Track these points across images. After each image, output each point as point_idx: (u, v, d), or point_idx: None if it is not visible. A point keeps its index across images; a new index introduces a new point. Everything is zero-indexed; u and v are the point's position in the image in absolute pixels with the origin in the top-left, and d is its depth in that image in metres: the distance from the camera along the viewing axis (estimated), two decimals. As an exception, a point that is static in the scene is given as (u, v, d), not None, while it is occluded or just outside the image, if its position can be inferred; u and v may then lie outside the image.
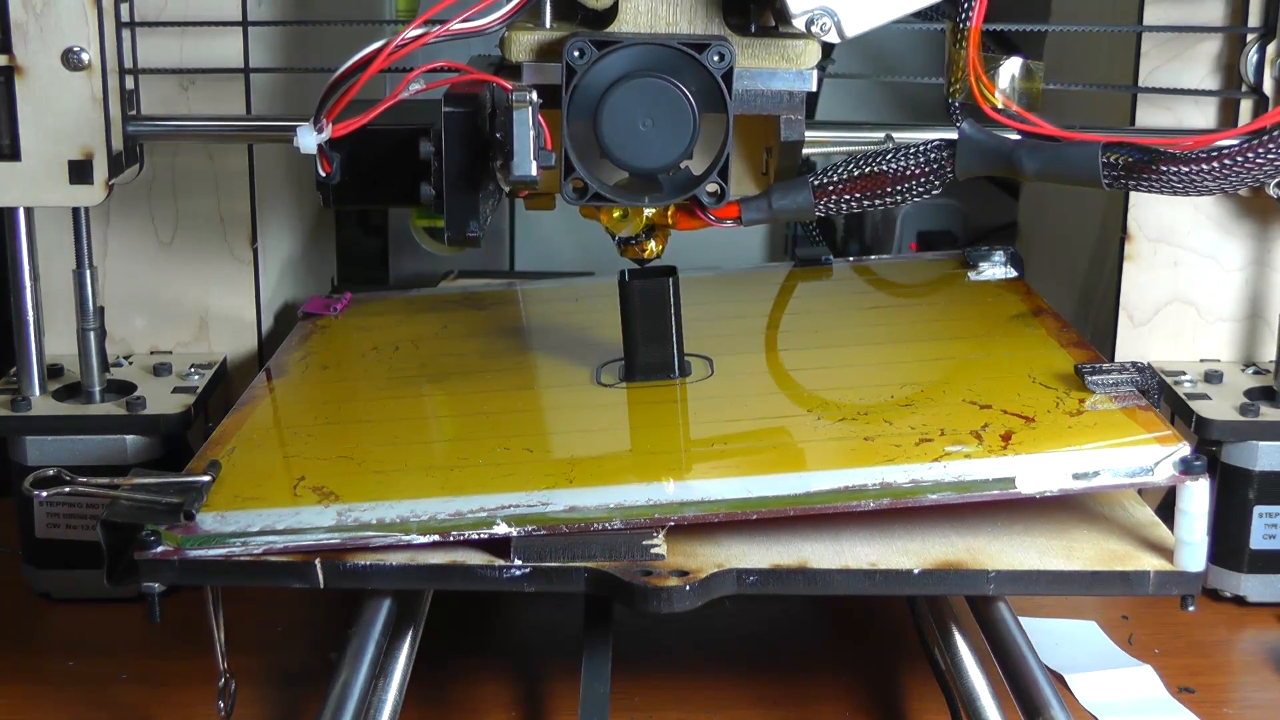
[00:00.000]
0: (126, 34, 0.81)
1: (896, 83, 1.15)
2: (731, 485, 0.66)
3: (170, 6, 0.84)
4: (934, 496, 0.66)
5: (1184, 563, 0.65)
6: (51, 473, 0.67)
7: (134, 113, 0.82)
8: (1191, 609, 0.66)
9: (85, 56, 0.76)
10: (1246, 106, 0.85)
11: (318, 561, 0.65)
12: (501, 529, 0.65)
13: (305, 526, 0.65)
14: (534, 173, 0.64)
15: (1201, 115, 0.87)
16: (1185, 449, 0.66)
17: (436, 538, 0.65)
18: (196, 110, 0.86)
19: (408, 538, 0.65)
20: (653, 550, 0.65)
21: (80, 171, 0.77)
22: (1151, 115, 0.88)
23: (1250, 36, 0.84)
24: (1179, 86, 0.86)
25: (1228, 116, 0.86)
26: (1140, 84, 0.87)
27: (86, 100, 0.77)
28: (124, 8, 0.80)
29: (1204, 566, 0.66)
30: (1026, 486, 0.66)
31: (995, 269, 0.91)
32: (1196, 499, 0.65)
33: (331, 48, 0.96)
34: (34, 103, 0.76)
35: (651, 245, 0.76)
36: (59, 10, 0.76)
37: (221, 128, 0.84)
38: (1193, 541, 0.65)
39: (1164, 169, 0.68)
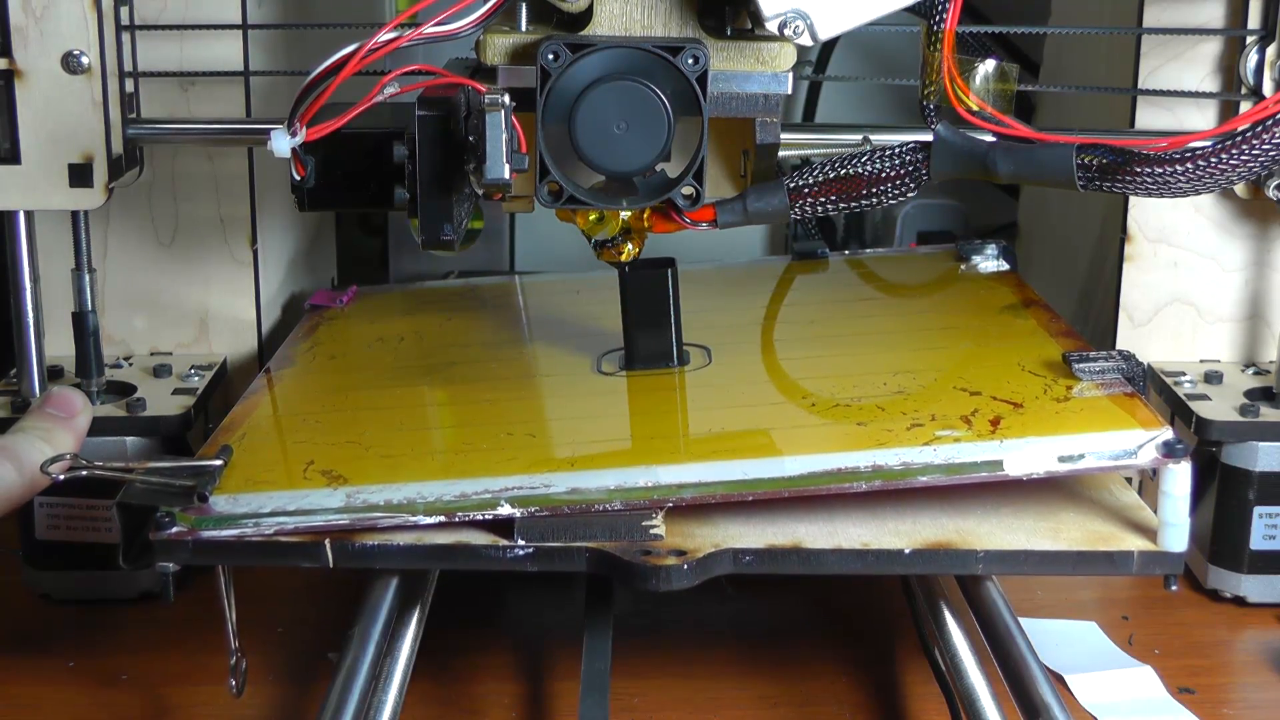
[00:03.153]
0: (126, 37, 0.81)
1: (899, 84, 1.15)
2: (728, 468, 0.68)
3: (170, 9, 0.85)
4: (924, 479, 0.67)
5: (1167, 543, 0.66)
6: (67, 456, 0.69)
7: (134, 116, 0.82)
8: (1174, 588, 0.67)
9: (85, 60, 0.76)
10: (1246, 109, 0.85)
11: (327, 542, 0.66)
12: (505, 510, 0.66)
13: (315, 508, 0.67)
14: (506, 176, 0.64)
15: (1202, 117, 0.87)
16: (1168, 433, 0.67)
17: (442, 518, 0.66)
18: (196, 113, 0.86)
19: (414, 518, 0.66)
20: (652, 531, 0.66)
21: (80, 175, 0.77)
22: (1152, 116, 0.88)
23: (1250, 39, 0.84)
24: (1179, 88, 0.86)
25: (1227, 118, 0.86)
26: (1140, 85, 0.87)
27: (86, 103, 0.77)
28: (124, 11, 0.80)
29: (1186, 547, 0.67)
30: (1014, 469, 0.67)
31: (988, 262, 0.93)
32: (1179, 481, 0.66)
33: (331, 50, 0.96)
34: (34, 106, 0.76)
35: (628, 248, 0.76)
36: (59, 14, 0.76)
37: (221, 130, 0.84)
38: (1175, 523, 0.66)
39: (1138, 170, 0.68)
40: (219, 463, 0.69)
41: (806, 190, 0.73)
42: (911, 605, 0.76)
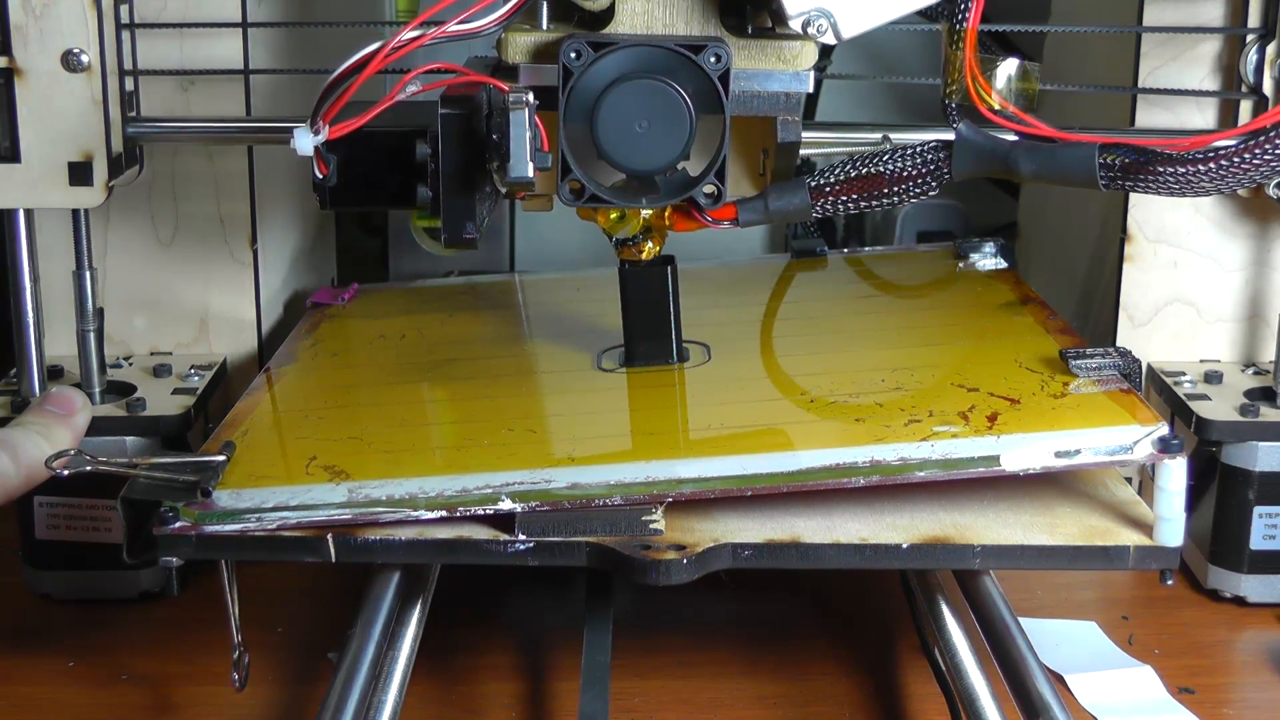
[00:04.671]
0: (126, 35, 0.81)
1: (896, 83, 1.15)
2: (727, 463, 0.68)
3: (170, 8, 0.85)
4: (921, 474, 0.67)
5: (1162, 538, 0.67)
6: (71, 452, 0.69)
7: (134, 114, 0.82)
8: (1170, 582, 0.67)
9: (85, 58, 0.76)
10: (1246, 107, 0.85)
11: (329, 537, 0.66)
12: (506, 505, 0.67)
13: (317, 503, 0.67)
14: (530, 174, 0.64)
15: (1201, 116, 0.87)
16: (1163, 428, 0.68)
17: (444, 513, 0.67)
18: (196, 112, 0.86)
19: (416, 513, 0.67)
20: (651, 525, 0.67)
21: (80, 173, 0.77)
22: (1152, 116, 0.88)
23: (1250, 37, 0.84)
24: (1179, 87, 0.86)
25: (1227, 117, 0.87)
26: (1140, 84, 0.87)
27: (86, 102, 0.77)
28: (124, 9, 0.80)
29: (1182, 542, 0.67)
30: (1010, 464, 0.67)
31: (986, 260, 0.94)
32: (1174, 476, 0.67)
33: (331, 49, 0.96)
34: (34, 104, 0.76)
35: (649, 246, 0.77)
36: (59, 12, 0.76)
37: (221, 129, 0.84)
38: (1171, 517, 0.67)
39: (1161, 170, 0.68)
40: (222, 458, 0.70)
41: (828, 189, 0.73)
42: (911, 605, 0.76)
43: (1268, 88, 0.84)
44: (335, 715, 0.62)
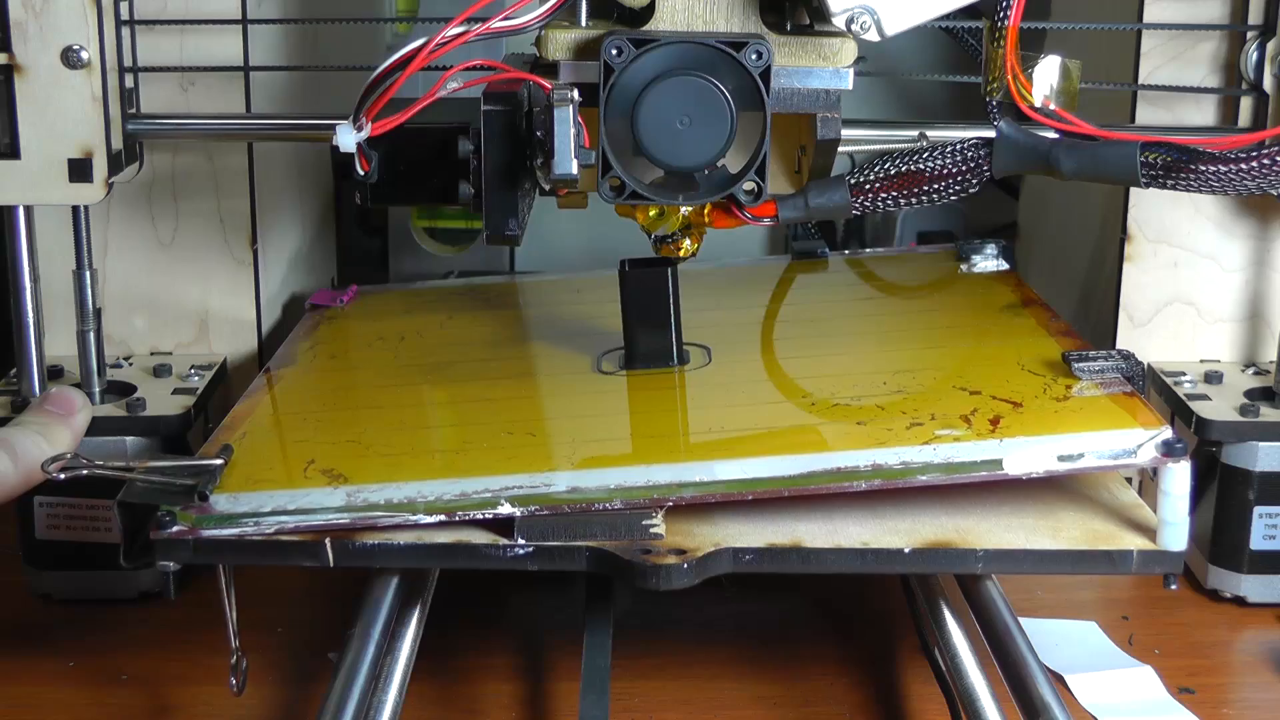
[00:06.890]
0: (126, 32, 0.81)
1: (895, 81, 1.15)
2: (728, 467, 0.68)
3: (170, 5, 0.84)
4: (924, 478, 0.67)
5: (1166, 542, 0.67)
6: (68, 455, 0.69)
7: (134, 111, 0.82)
8: (1173, 587, 0.67)
9: (85, 55, 0.76)
10: (1246, 104, 0.85)
11: (327, 541, 0.66)
12: (505, 509, 0.66)
13: (315, 507, 0.67)
14: (574, 171, 0.64)
15: (1201, 114, 0.87)
16: (1167, 432, 0.67)
17: (443, 517, 0.67)
18: (196, 109, 0.86)
19: (415, 517, 0.67)
20: (652, 530, 0.67)
21: (80, 170, 0.77)
22: (1151, 114, 0.88)
23: (1250, 34, 0.84)
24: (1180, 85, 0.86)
25: (1227, 114, 0.87)
26: (1140, 83, 0.87)
27: (86, 99, 0.76)
28: (124, 6, 0.80)
29: (1186, 546, 0.67)
30: (1013, 468, 0.67)
31: (987, 262, 0.94)
32: (1178, 480, 0.67)
33: (332, 46, 0.96)
34: (34, 101, 0.76)
35: (686, 244, 0.77)
36: (58, 8, 0.75)
37: (221, 126, 0.84)
38: (1175, 521, 0.67)
39: (1203, 169, 0.68)
40: (219, 462, 0.69)
41: (868, 186, 0.73)
42: (911, 605, 0.76)
43: (1268, 84, 0.84)
44: (335, 715, 0.62)
